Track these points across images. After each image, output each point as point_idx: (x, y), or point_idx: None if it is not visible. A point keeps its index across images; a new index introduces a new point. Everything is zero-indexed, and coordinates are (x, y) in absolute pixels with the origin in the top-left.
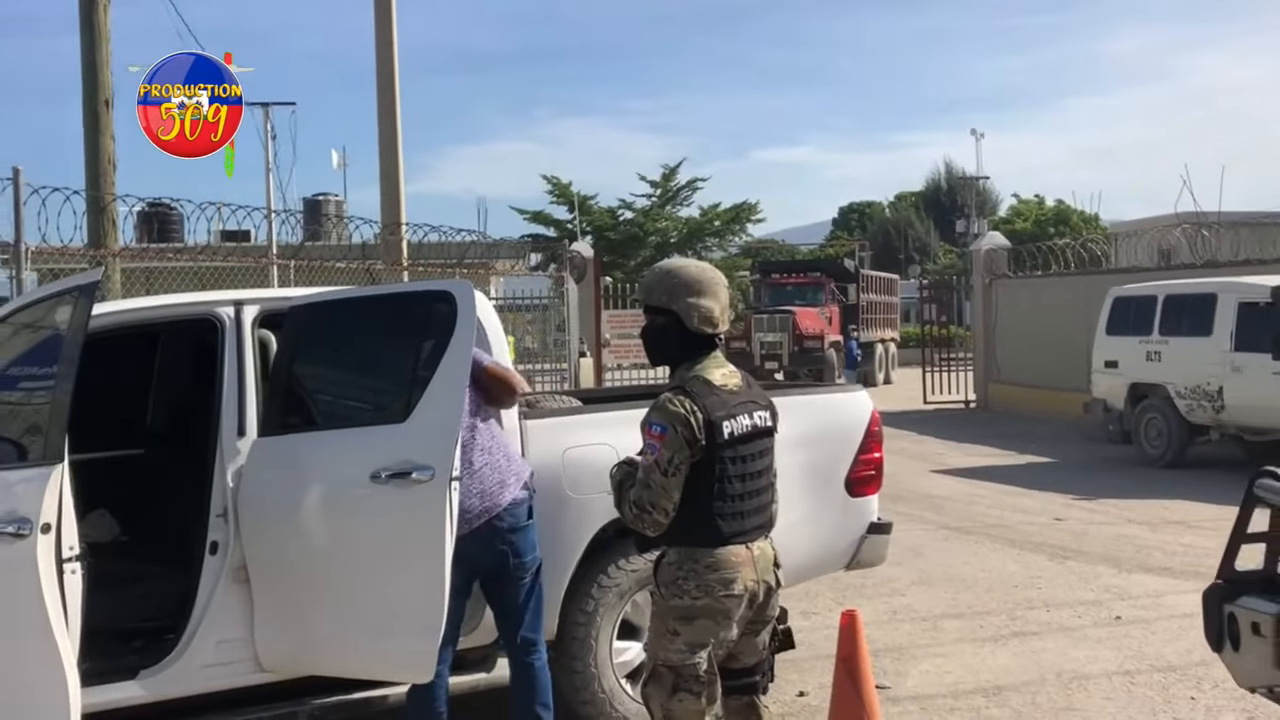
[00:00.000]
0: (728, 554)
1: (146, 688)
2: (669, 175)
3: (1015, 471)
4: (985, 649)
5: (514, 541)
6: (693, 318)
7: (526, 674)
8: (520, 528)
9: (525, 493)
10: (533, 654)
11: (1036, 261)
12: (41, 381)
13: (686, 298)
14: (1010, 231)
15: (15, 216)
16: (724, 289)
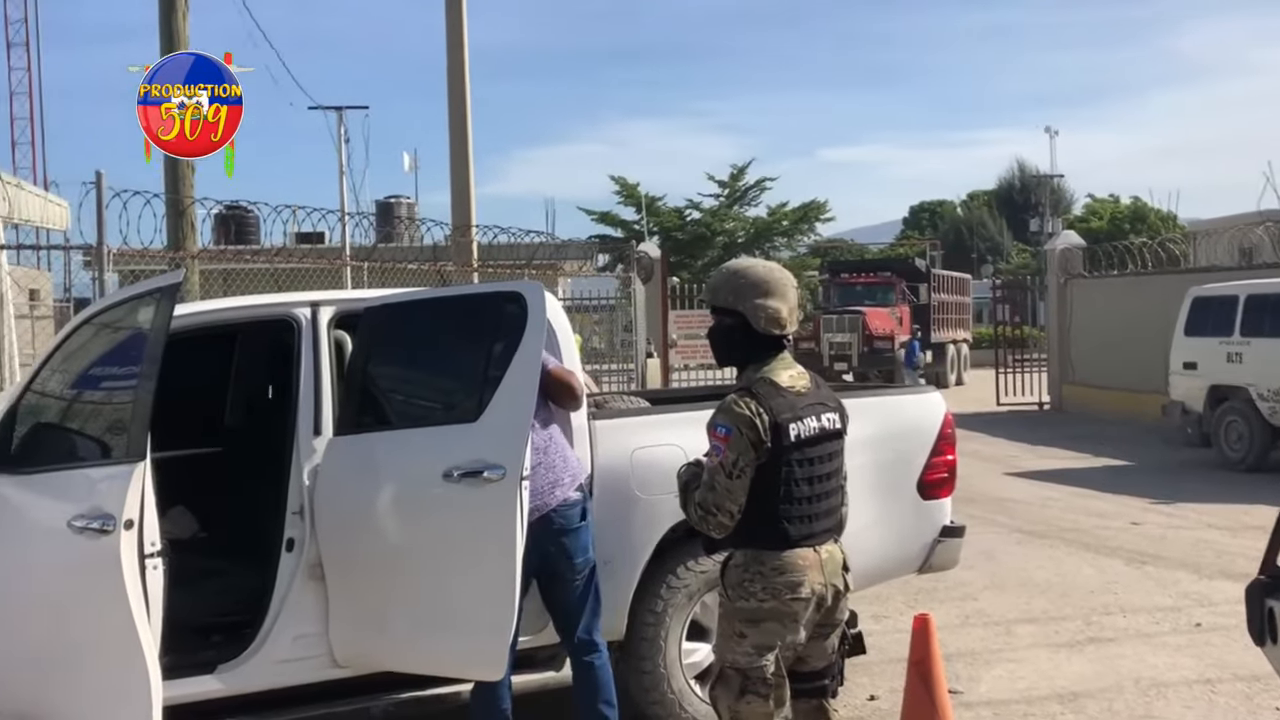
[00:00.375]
0: (795, 557)
1: (224, 682)
2: (737, 175)
3: (1090, 474)
4: (1060, 655)
5: (564, 543)
6: (759, 319)
7: (587, 673)
8: (572, 529)
9: (578, 494)
10: (592, 654)
11: (1113, 261)
12: (124, 381)
13: (754, 298)
14: (1085, 230)
15: (98, 219)
16: (792, 289)
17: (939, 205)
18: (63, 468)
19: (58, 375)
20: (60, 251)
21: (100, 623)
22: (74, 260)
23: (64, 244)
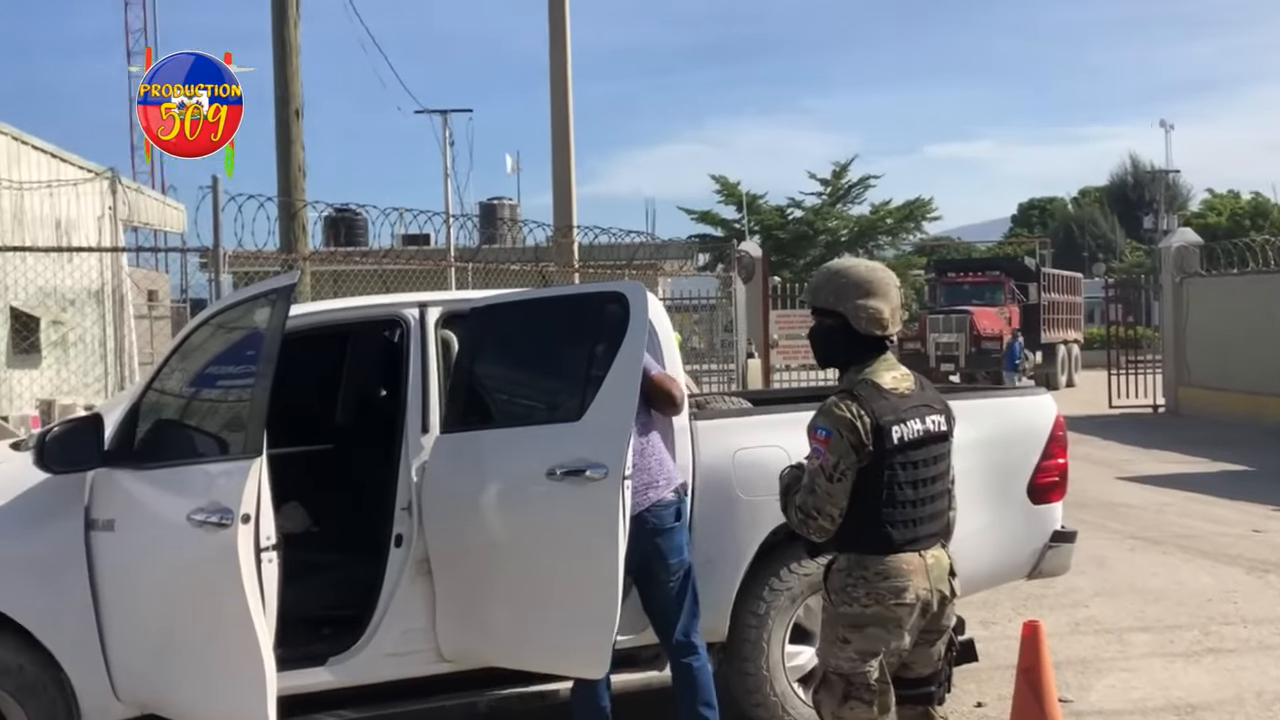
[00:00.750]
0: (899, 561)
1: (335, 674)
2: (839, 173)
3: (1208, 480)
4: (1176, 665)
5: (658, 543)
6: (861, 319)
7: (686, 675)
8: (665, 529)
9: (673, 496)
10: (690, 655)
11: (1232, 259)
12: (241, 379)
13: (855, 299)
14: (1202, 227)
15: (214, 222)
16: (895, 289)
17: (1049, 202)
18: (183, 463)
19: (177, 374)
20: (177, 254)
21: (218, 614)
22: (190, 262)
23: (181, 246)
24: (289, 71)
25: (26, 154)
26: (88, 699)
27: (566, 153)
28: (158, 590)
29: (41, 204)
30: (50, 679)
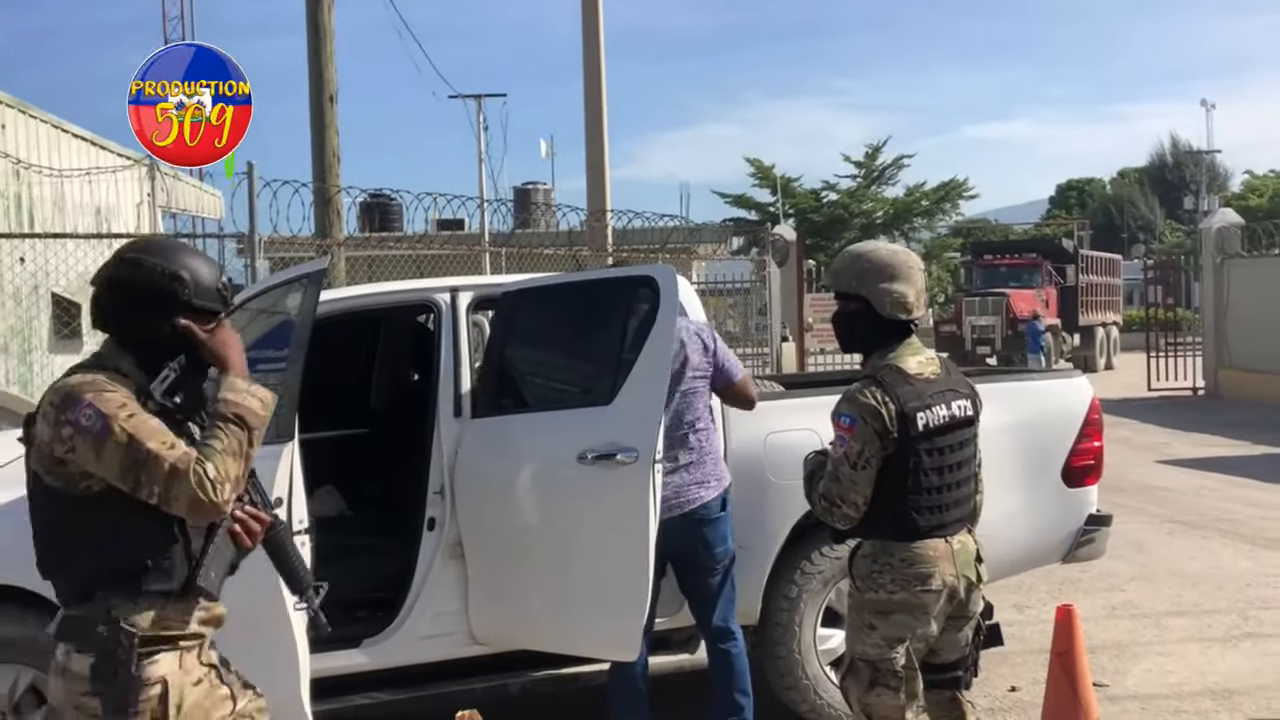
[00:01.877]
0: (925, 548)
1: (369, 656)
2: (873, 154)
3: (1248, 463)
4: (1213, 649)
5: (704, 533)
6: (884, 304)
7: (724, 660)
8: (712, 519)
9: (723, 491)
10: (729, 641)
11: (1274, 240)
12: (273, 364)
13: (877, 283)
14: (1244, 208)
15: (250, 208)
16: (918, 273)
17: (1087, 183)
18: None
19: None
20: (214, 239)
21: (251, 596)
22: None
23: (218, 232)
24: (323, 57)
25: (66, 141)
26: None
27: (600, 137)
28: None
29: (81, 191)
30: None
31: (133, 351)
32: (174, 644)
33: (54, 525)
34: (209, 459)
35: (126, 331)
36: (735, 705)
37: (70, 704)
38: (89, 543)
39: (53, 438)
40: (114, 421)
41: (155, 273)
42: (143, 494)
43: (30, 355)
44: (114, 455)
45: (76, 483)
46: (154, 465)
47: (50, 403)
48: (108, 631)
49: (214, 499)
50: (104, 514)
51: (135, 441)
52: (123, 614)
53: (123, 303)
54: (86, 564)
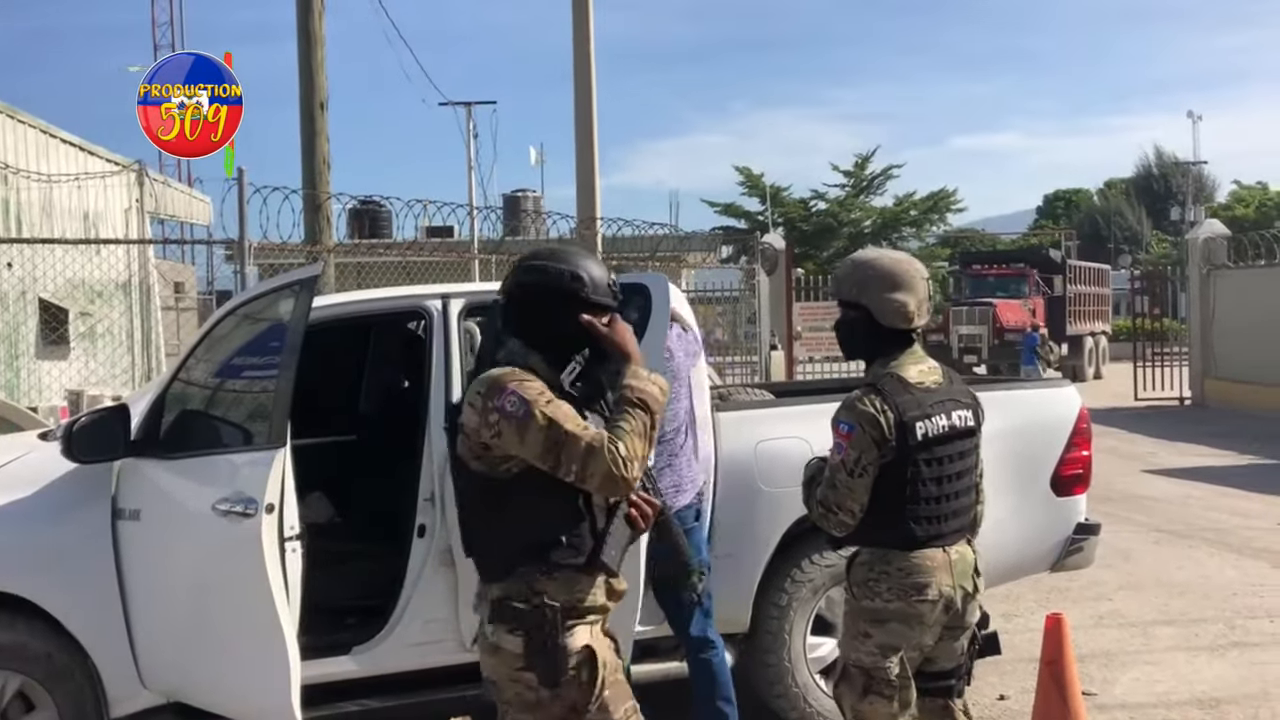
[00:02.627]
0: (922, 558)
1: (359, 663)
2: (862, 164)
3: (1234, 473)
4: (1200, 659)
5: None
6: (885, 313)
7: (705, 669)
8: (685, 530)
9: (695, 499)
10: (708, 651)
11: (1259, 251)
12: (266, 370)
13: (879, 292)
14: (1230, 219)
15: (239, 215)
16: (922, 281)
17: (1074, 194)
18: (207, 453)
19: (202, 364)
20: (204, 246)
21: (243, 603)
22: (216, 254)
23: (207, 239)
24: (314, 64)
25: (55, 147)
26: (114, 686)
27: (590, 145)
28: (183, 579)
29: (70, 196)
30: (78, 666)
31: (540, 349)
32: (586, 616)
33: (478, 507)
34: (620, 439)
35: (536, 331)
36: (719, 713)
37: (507, 679)
38: (510, 521)
39: (480, 424)
40: (535, 407)
41: (558, 275)
42: (561, 472)
43: (17, 361)
44: (536, 437)
45: (498, 466)
46: (572, 444)
47: (477, 392)
48: (531, 608)
49: (625, 474)
50: (522, 494)
51: (555, 424)
52: (543, 589)
53: (532, 305)
54: (507, 541)
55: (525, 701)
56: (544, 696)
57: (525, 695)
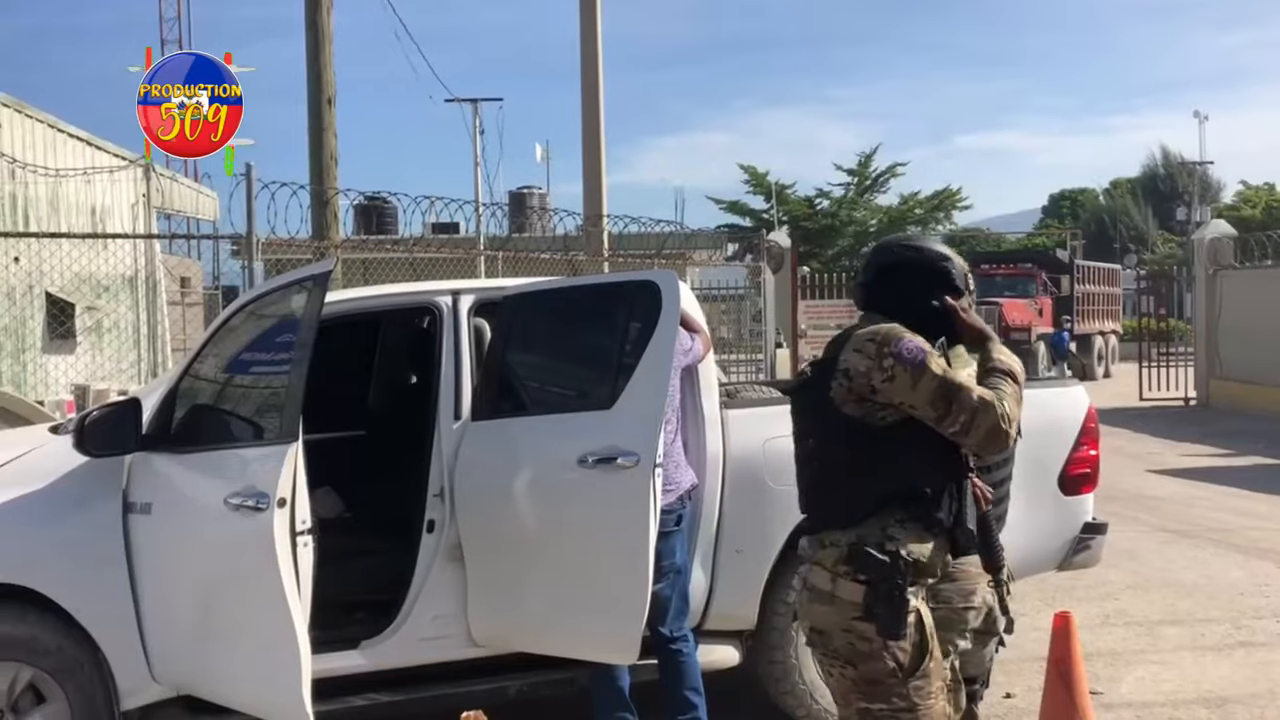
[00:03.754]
0: (967, 564)
1: (367, 657)
2: (865, 162)
3: (1240, 473)
4: (1207, 658)
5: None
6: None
7: (674, 661)
8: (663, 534)
9: (678, 502)
10: (679, 643)
11: (1266, 251)
12: (277, 365)
13: None
14: (1236, 219)
15: (247, 210)
16: None
17: (1080, 193)
18: (219, 448)
19: (214, 359)
20: (210, 241)
21: (254, 597)
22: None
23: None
24: (322, 59)
25: (62, 141)
26: (125, 679)
27: (597, 142)
28: (194, 573)
29: (77, 191)
30: (88, 659)
31: (904, 324)
32: (925, 577)
33: (842, 451)
34: (1003, 399)
35: (903, 306)
36: (688, 703)
37: (839, 628)
38: (877, 468)
39: (872, 367)
40: (930, 357)
41: (934, 256)
42: (947, 421)
43: (24, 354)
44: (929, 384)
45: (876, 412)
46: (965, 395)
47: (869, 339)
48: (890, 558)
49: (1009, 431)
50: (894, 443)
51: (948, 374)
52: (897, 537)
53: (905, 282)
54: (870, 487)
55: (857, 652)
56: (876, 649)
57: (858, 646)
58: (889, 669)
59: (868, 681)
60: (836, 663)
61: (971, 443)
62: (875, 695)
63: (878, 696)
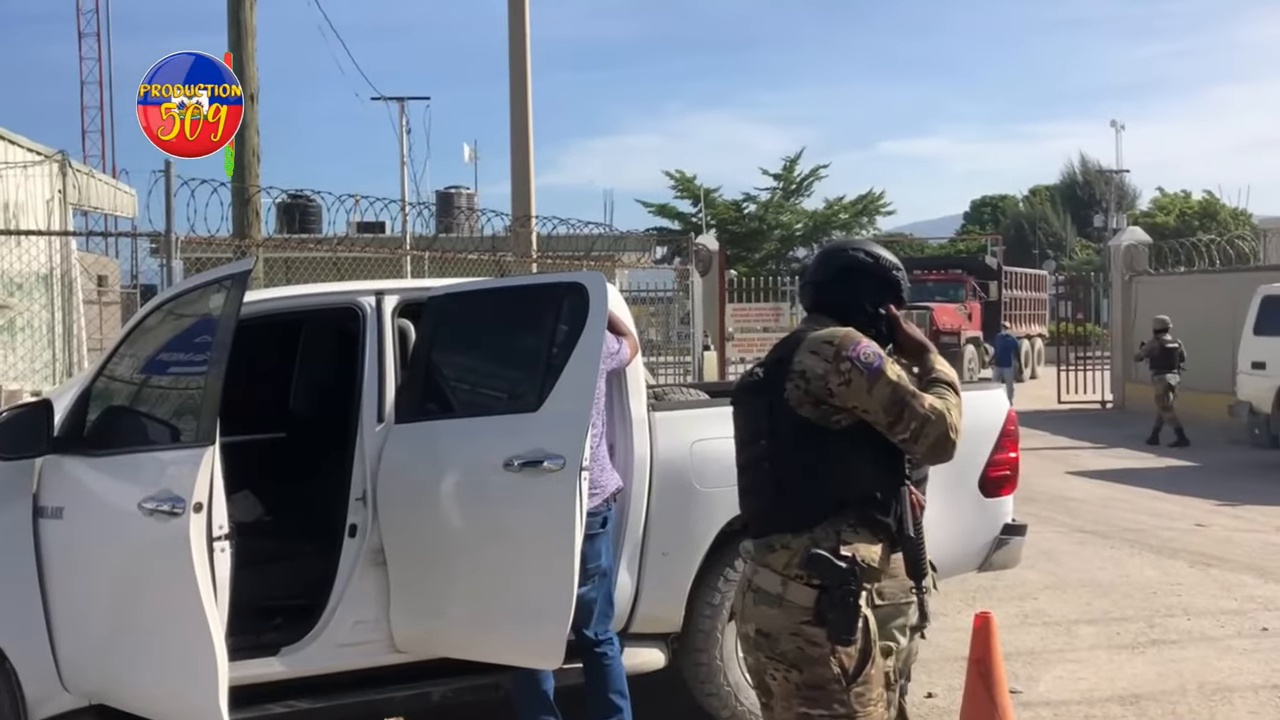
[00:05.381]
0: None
1: (287, 664)
2: (789, 166)
3: (1154, 475)
4: (1121, 656)
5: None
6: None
7: (599, 664)
8: (589, 536)
9: (604, 505)
10: (604, 646)
11: (1179, 258)
12: (195, 366)
13: None
14: (1152, 226)
15: (166, 207)
16: None
17: (1000, 200)
18: (134, 451)
19: (130, 360)
20: (128, 239)
21: (169, 603)
22: (142, 247)
23: (132, 231)
24: (244, 55)
25: None
26: (33, 688)
27: (525, 142)
28: (107, 579)
29: None
30: None
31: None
32: (872, 581)
33: (797, 454)
34: (951, 410)
35: (853, 310)
36: (613, 706)
37: (787, 632)
38: (830, 471)
39: (830, 370)
40: (886, 364)
41: (889, 264)
42: (898, 429)
43: None
44: (884, 390)
45: (830, 416)
46: (918, 404)
47: (826, 342)
48: (847, 563)
49: (956, 441)
50: (847, 447)
51: (903, 382)
52: (850, 541)
53: (856, 286)
54: (824, 490)
55: (804, 656)
56: (824, 653)
57: (807, 650)
58: (834, 674)
59: (811, 686)
60: (781, 666)
61: (919, 450)
62: (817, 700)
63: (819, 702)
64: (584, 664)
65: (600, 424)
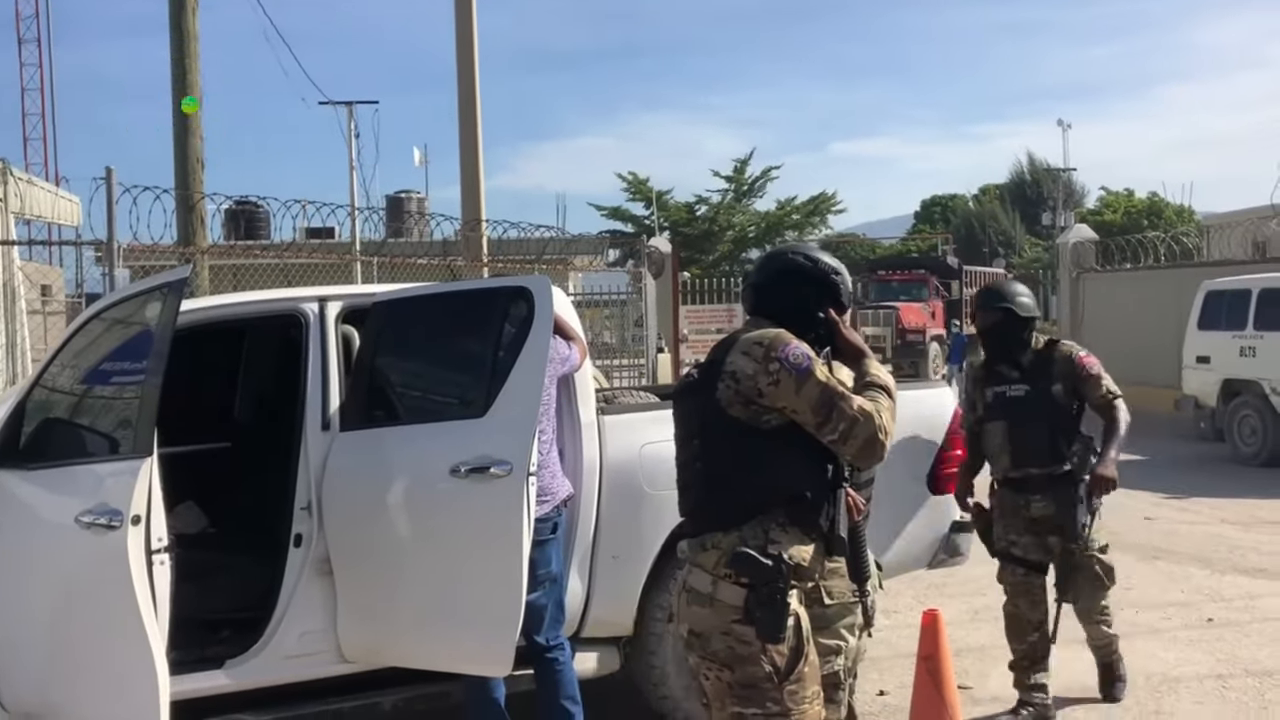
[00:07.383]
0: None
1: (232, 677)
2: (740, 168)
3: None
4: (1069, 650)
5: (531, 555)
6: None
7: (550, 670)
8: (540, 542)
9: (554, 511)
10: (555, 652)
11: (1125, 255)
12: (132, 376)
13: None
14: (1099, 224)
15: (108, 215)
16: None
17: (950, 199)
18: (70, 463)
19: (66, 370)
20: (72, 247)
21: (107, 618)
22: (85, 256)
23: (75, 240)
24: (187, 60)
25: None
26: None
27: (474, 146)
28: (44, 595)
29: None
30: None
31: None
32: (804, 580)
33: (727, 453)
34: (880, 412)
35: (791, 313)
36: (566, 712)
37: (718, 631)
38: (760, 470)
39: (759, 371)
40: (815, 364)
41: (827, 268)
42: (827, 429)
43: None
44: (813, 391)
45: (760, 416)
46: (846, 405)
47: (757, 343)
48: (773, 561)
49: (885, 443)
50: (777, 447)
51: (831, 383)
52: (778, 540)
53: (795, 289)
54: (752, 489)
55: (735, 656)
56: (754, 652)
57: (737, 649)
58: (765, 673)
59: (743, 685)
60: (714, 665)
61: (849, 451)
62: (750, 699)
63: (752, 701)
64: (535, 670)
65: (550, 430)
